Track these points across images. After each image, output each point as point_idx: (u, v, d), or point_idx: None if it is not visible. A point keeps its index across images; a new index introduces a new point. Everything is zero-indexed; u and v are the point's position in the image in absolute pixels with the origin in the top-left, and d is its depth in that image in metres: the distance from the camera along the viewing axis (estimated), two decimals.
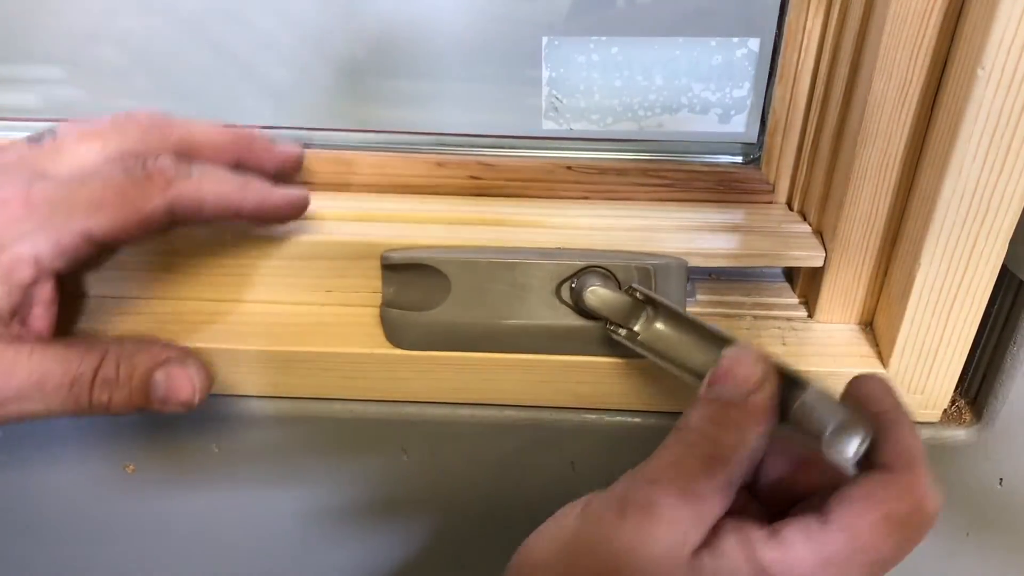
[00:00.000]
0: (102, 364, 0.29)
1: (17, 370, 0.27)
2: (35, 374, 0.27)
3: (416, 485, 0.39)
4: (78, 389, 0.28)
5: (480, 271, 0.33)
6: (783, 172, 0.38)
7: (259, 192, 0.31)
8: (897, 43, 0.29)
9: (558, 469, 0.38)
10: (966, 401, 0.36)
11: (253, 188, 0.31)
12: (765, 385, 0.26)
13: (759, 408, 0.25)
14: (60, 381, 0.28)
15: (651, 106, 0.39)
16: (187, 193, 0.29)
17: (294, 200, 0.33)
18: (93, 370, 0.29)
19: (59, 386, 0.28)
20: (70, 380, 0.28)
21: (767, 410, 0.26)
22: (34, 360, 0.28)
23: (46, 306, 0.29)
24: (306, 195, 0.33)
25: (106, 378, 0.29)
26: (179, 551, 0.44)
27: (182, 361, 0.30)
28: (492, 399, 0.36)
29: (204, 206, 0.30)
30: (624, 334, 0.32)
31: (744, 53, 0.37)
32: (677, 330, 0.31)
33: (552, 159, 0.39)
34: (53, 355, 0.28)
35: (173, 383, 0.30)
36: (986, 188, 0.29)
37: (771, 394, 0.26)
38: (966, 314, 0.32)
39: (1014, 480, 0.37)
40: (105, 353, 0.29)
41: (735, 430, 0.25)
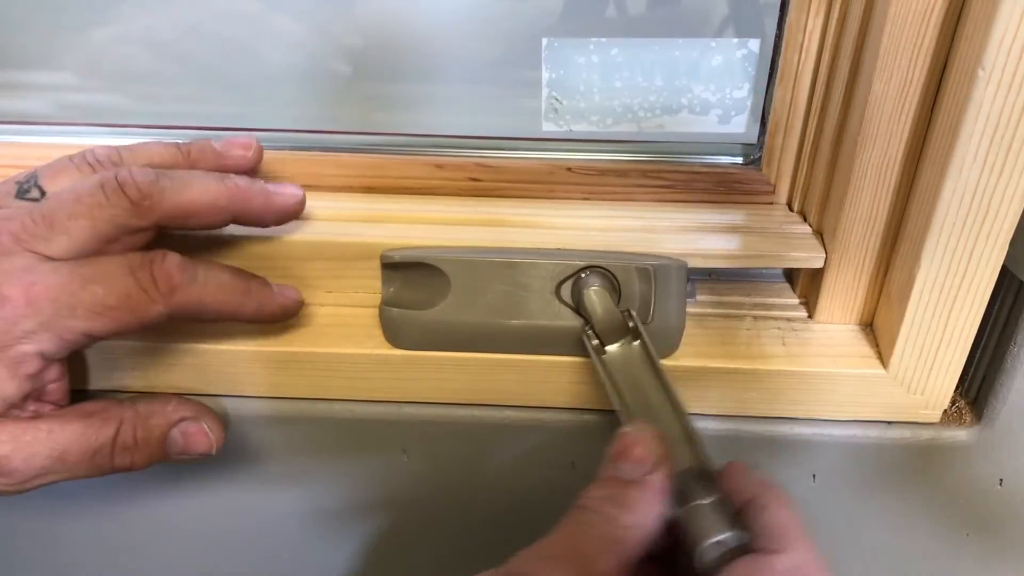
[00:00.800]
0: (119, 433, 0.30)
1: (38, 450, 0.28)
2: (56, 451, 0.29)
3: (416, 485, 0.39)
4: (100, 458, 0.30)
5: (480, 271, 0.33)
6: (783, 173, 0.38)
7: (258, 301, 0.32)
8: (897, 44, 0.29)
9: (558, 469, 0.38)
10: (966, 401, 0.36)
11: (253, 296, 0.32)
12: (662, 466, 0.27)
13: (656, 488, 0.26)
14: (80, 455, 0.29)
15: (651, 107, 0.39)
16: (189, 301, 0.29)
17: (289, 307, 0.34)
18: (111, 440, 0.30)
19: (80, 459, 0.29)
20: (91, 452, 0.30)
21: (665, 490, 0.27)
22: (53, 438, 0.29)
23: (57, 380, 0.30)
24: (301, 299, 0.34)
25: (125, 445, 0.30)
26: (179, 551, 0.44)
27: (196, 419, 0.33)
28: (492, 399, 0.36)
29: (203, 312, 0.30)
30: (595, 344, 0.32)
31: (744, 54, 0.37)
32: (643, 373, 0.32)
33: (552, 161, 0.39)
34: (72, 431, 0.29)
35: (190, 439, 0.32)
36: (986, 189, 0.29)
37: (667, 475, 0.27)
38: (966, 315, 0.32)
39: (1014, 480, 0.37)
40: (121, 422, 0.30)
41: (632, 510, 0.26)
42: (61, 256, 0.28)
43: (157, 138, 0.39)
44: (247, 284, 0.32)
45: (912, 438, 0.36)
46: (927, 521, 0.39)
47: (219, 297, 0.30)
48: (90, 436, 0.30)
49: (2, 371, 0.27)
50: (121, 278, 0.28)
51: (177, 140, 0.35)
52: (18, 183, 0.30)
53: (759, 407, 0.36)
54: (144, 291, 0.28)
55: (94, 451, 0.30)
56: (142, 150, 0.33)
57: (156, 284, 0.28)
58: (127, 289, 0.28)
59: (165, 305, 0.29)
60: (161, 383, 0.36)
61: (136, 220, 0.29)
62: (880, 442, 0.36)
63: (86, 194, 0.29)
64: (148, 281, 0.28)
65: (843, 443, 0.36)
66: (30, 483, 0.29)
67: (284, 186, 0.34)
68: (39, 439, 0.28)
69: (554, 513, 0.40)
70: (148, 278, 0.28)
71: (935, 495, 0.38)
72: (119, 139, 0.41)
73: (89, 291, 0.27)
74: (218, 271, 0.31)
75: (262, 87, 0.40)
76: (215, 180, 0.31)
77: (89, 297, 0.27)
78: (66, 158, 0.32)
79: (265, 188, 0.33)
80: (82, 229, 0.28)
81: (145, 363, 0.35)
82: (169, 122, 0.41)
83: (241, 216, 0.32)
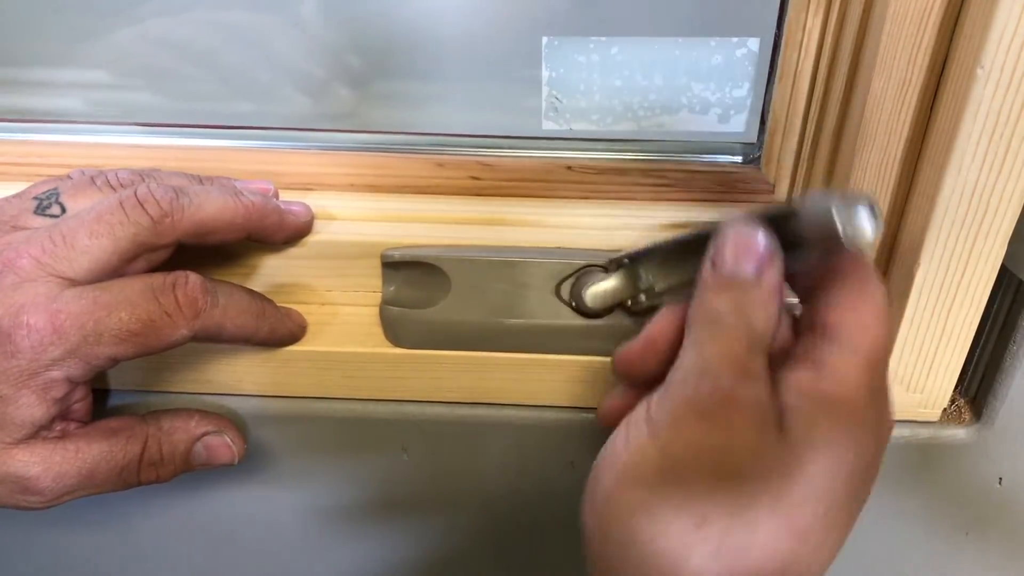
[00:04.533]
0: (145, 449, 0.31)
1: (67, 469, 0.29)
2: (84, 470, 0.29)
3: (416, 485, 0.39)
4: (127, 474, 0.31)
5: (480, 269, 0.33)
6: (783, 172, 0.38)
7: (272, 324, 0.33)
8: (896, 42, 0.29)
9: (558, 469, 0.38)
10: (966, 401, 0.36)
11: (268, 319, 0.32)
12: (775, 260, 0.26)
13: (775, 285, 0.26)
14: (108, 472, 0.30)
15: (651, 106, 0.39)
16: (211, 325, 0.30)
17: (297, 332, 0.34)
18: (138, 457, 0.31)
19: (108, 476, 0.30)
20: (119, 469, 0.30)
21: (781, 284, 0.26)
22: (81, 457, 0.29)
23: (82, 400, 0.30)
24: (306, 325, 0.35)
25: (151, 461, 0.31)
26: (179, 551, 0.44)
27: (218, 432, 0.33)
28: (492, 399, 0.36)
29: (223, 335, 0.31)
30: (644, 300, 0.32)
31: (744, 53, 0.37)
32: (675, 260, 0.31)
33: (552, 159, 0.39)
34: (99, 449, 0.30)
35: (213, 452, 0.33)
36: (985, 187, 0.29)
37: (780, 268, 0.26)
38: (966, 313, 0.32)
39: (1014, 480, 0.37)
40: (147, 439, 0.31)
41: (762, 310, 0.26)
42: (83, 279, 0.28)
43: (155, 137, 0.39)
44: (262, 307, 0.32)
45: (911, 437, 0.36)
46: (926, 520, 0.39)
47: (238, 321, 0.31)
48: (117, 454, 0.30)
49: (32, 397, 0.27)
50: (145, 304, 0.28)
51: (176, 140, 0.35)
52: (37, 199, 0.30)
53: None
54: (168, 315, 0.28)
55: (122, 468, 0.30)
56: (164, 175, 0.34)
57: (180, 308, 0.29)
58: (151, 315, 0.28)
59: (189, 329, 0.29)
60: (163, 382, 0.36)
61: (157, 238, 0.29)
62: None
63: (106, 212, 0.29)
64: (172, 306, 0.28)
65: None
66: (58, 500, 0.29)
67: (295, 204, 0.35)
68: (68, 459, 0.29)
69: (554, 513, 0.40)
70: (172, 303, 0.28)
71: (934, 494, 0.38)
72: (120, 138, 0.41)
73: (115, 318, 0.27)
74: (238, 293, 0.31)
75: (261, 88, 0.40)
76: (232, 197, 0.31)
77: (115, 324, 0.27)
78: (88, 178, 0.32)
79: (279, 207, 0.33)
80: (103, 249, 0.28)
81: (148, 362, 0.35)
82: (169, 120, 0.41)
83: (255, 233, 0.32)
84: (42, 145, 0.40)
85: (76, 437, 0.29)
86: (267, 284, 0.36)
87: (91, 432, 0.30)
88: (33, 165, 0.39)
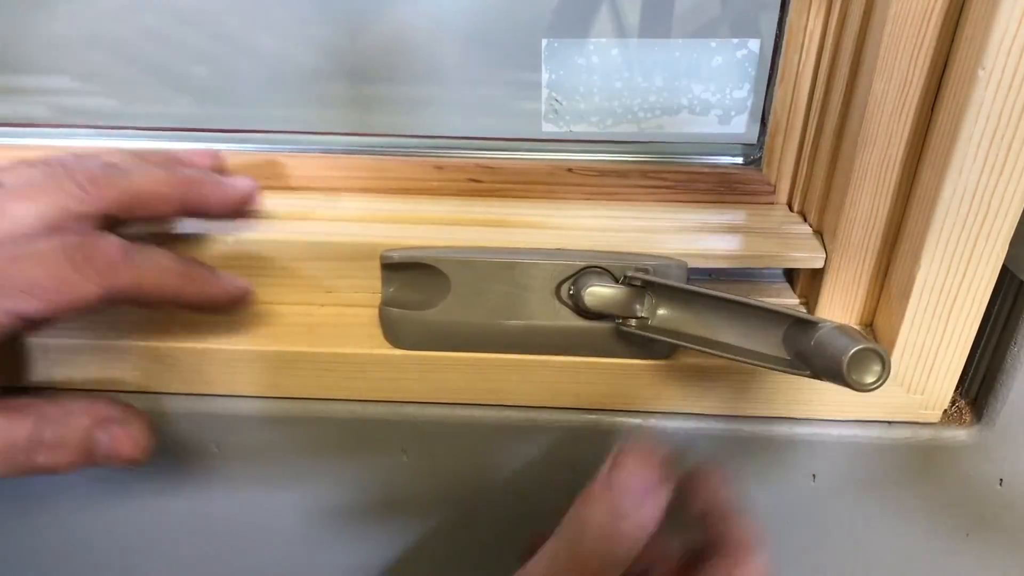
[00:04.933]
0: (35, 428, 0.29)
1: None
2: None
3: (416, 485, 0.39)
4: (17, 454, 0.29)
5: (480, 271, 0.33)
6: (783, 173, 0.38)
7: (200, 286, 0.31)
8: (897, 44, 0.29)
9: (558, 469, 0.38)
10: (966, 401, 0.36)
11: (195, 281, 0.31)
12: (660, 494, 0.27)
13: (652, 518, 0.27)
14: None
15: (651, 108, 0.39)
16: (125, 283, 0.28)
17: (235, 295, 0.33)
18: (27, 436, 0.29)
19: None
20: (5, 447, 0.28)
21: (658, 517, 0.27)
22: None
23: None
24: (248, 288, 0.33)
25: (41, 442, 0.29)
26: (178, 551, 0.44)
27: (122, 420, 0.31)
28: (492, 399, 0.36)
29: (142, 296, 0.29)
30: (635, 324, 0.32)
31: (744, 54, 0.37)
32: (683, 305, 0.31)
33: (552, 161, 0.39)
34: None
35: (115, 443, 0.30)
36: (986, 189, 0.29)
37: (662, 504, 0.27)
38: (966, 314, 0.32)
39: (1014, 480, 0.37)
40: (38, 418, 0.29)
41: (629, 541, 0.26)
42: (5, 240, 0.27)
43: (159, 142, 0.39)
44: (188, 268, 0.31)
45: (912, 438, 0.36)
46: (927, 521, 0.39)
47: (158, 281, 0.29)
48: (4, 430, 0.28)
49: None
50: (53, 257, 0.27)
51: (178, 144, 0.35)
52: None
53: (759, 407, 0.36)
54: (78, 272, 0.27)
55: (9, 445, 0.28)
56: (103, 155, 0.33)
57: (93, 264, 0.28)
58: (60, 269, 0.27)
59: (99, 286, 0.28)
60: (161, 383, 0.36)
61: (82, 205, 0.29)
62: (880, 442, 0.36)
63: (36, 179, 0.29)
64: (82, 261, 0.27)
65: (843, 443, 0.36)
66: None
67: (236, 178, 0.33)
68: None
69: (554, 513, 0.40)
70: (82, 259, 0.27)
71: (935, 495, 0.38)
72: (119, 142, 0.41)
73: (20, 268, 0.27)
74: (159, 255, 0.30)
75: (261, 89, 0.40)
76: (163, 169, 0.31)
77: (19, 275, 0.27)
78: (26, 162, 0.31)
79: (217, 178, 0.33)
80: (27, 213, 0.28)
81: (144, 362, 0.35)
82: (169, 124, 0.41)
83: (191, 206, 0.32)
84: (12, 149, 0.40)
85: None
86: (267, 285, 0.36)
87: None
88: None
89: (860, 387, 0.25)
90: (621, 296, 0.32)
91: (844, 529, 0.40)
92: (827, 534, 0.40)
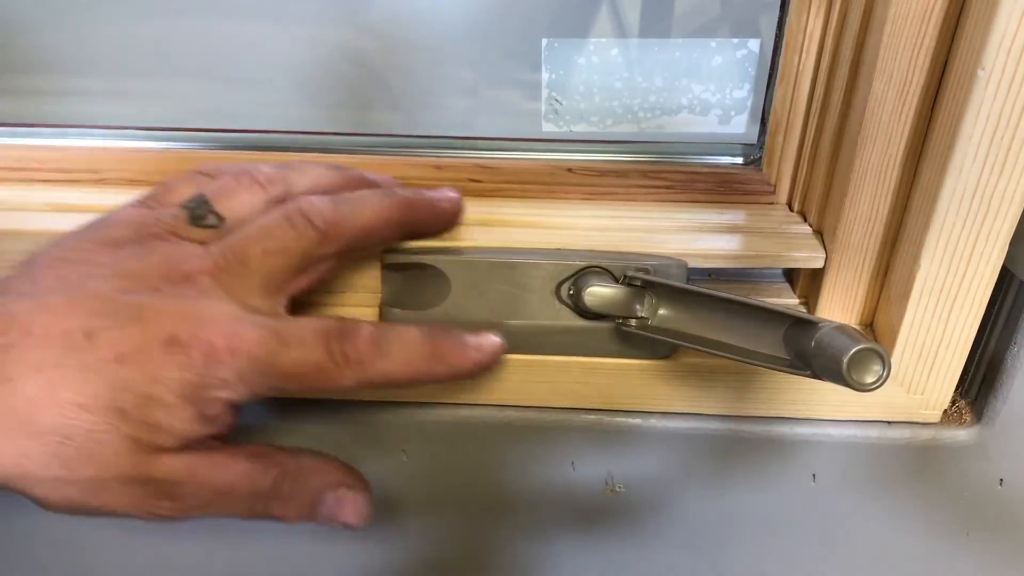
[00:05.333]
0: (278, 481, 0.30)
1: (208, 482, 0.28)
2: (224, 486, 0.29)
3: (416, 485, 0.39)
4: (257, 501, 0.30)
5: (480, 271, 0.33)
6: (783, 173, 0.38)
7: (448, 365, 0.30)
8: (897, 44, 0.29)
9: (558, 469, 0.38)
10: (966, 402, 0.36)
11: (443, 360, 0.30)
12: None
13: None
14: (242, 494, 0.29)
15: (651, 108, 0.39)
16: (375, 375, 0.29)
17: (483, 362, 0.31)
18: (271, 487, 0.30)
19: (241, 498, 0.29)
20: (251, 495, 0.29)
21: None
22: (222, 473, 0.29)
23: (231, 420, 0.30)
24: (499, 347, 0.32)
25: (280, 495, 0.30)
26: (178, 551, 0.44)
27: (352, 486, 0.32)
28: (492, 399, 0.36)
29: (391, 383, 0.30)
30: (635, 324, 0.32)
31: (744, 54, 0.37)
32: (684, 305, 0.31)
33: (552, 161, 0.39)
34: (240, 469, 0.29)
35: (342, 508, 0.31)
36: (986, 189, 0.29)
37: None
38: (966, 315, 0.32)
39: (1014, 480, 0.37)
40: (281, 472, 0.30)
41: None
42: (257, 296, 0.28)
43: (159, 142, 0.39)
44: (435, 346, 0.30)
45: (912, 438, 0.36)
46: (927, 521, 0.39)
47: (407, 370, 0.29)
48: (255, 478, 0.29)
49: (192, 411, 0.27)
50: (316, 347, 0.28)
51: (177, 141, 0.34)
52: (187, 208, 0.30)
53: (759, 407, 0.36)
54: (335, 364, 0.28)
55: (254, 494, 0.29)
56: (307, 170, 0.33)
57: (347, 359, 0.28)
58: (320, 361, 0.28)
59: (353, 380, 0.28)
60: None
61: (323, 249, 0.29)
62: (880, 442, 0.36)
63: (275, 228, 0.29)
64: (340, 355, 0.28)
65: (843, 443, 0.36)
66: (191, 512, 0.29)
67: (441, 191, 0.33)
68: (211, 472, 0.28)
69: (554, 513, 0.40)
70: (340, 352, 0.28)
71: (935, 495, 0.38)
72: (119, 142, 0.41)
73: (287, 354, 0.27)
74: (406, 336, 0.30)
75: (261, 89, 0.40)
76: (384, 196, 0.31)
77: (286, 360, 0.27)
78: (231, 177, 0.31)
79: (429, 196, 0.33)
80: (276, 267, 0.28)
81: None
82: (169, 123, 0.41)
83: (411, 227, 0.32)
84: (39, 150, 0.40)
85: (220, 452, 0.29)
86: None
87: (235, 451, 0.30)
88: (30, 170, 0.39)
89: (860, 387, 0.25)
90: (621, 296, 0.32)
91: (844, 529, 0.40)
92: (827, 534, 0.40)
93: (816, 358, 0.26)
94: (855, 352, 0.25)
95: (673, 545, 0.41)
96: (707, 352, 0.30)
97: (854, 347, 0.25)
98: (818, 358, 0.26)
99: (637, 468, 0.38)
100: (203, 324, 0.26)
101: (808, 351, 0.26)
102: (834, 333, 0.26)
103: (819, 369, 0.26)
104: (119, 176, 0.39)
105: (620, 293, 0.32)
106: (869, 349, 0.25)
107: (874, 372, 0.25)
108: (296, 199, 0.30)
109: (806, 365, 0.27)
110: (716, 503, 0.39)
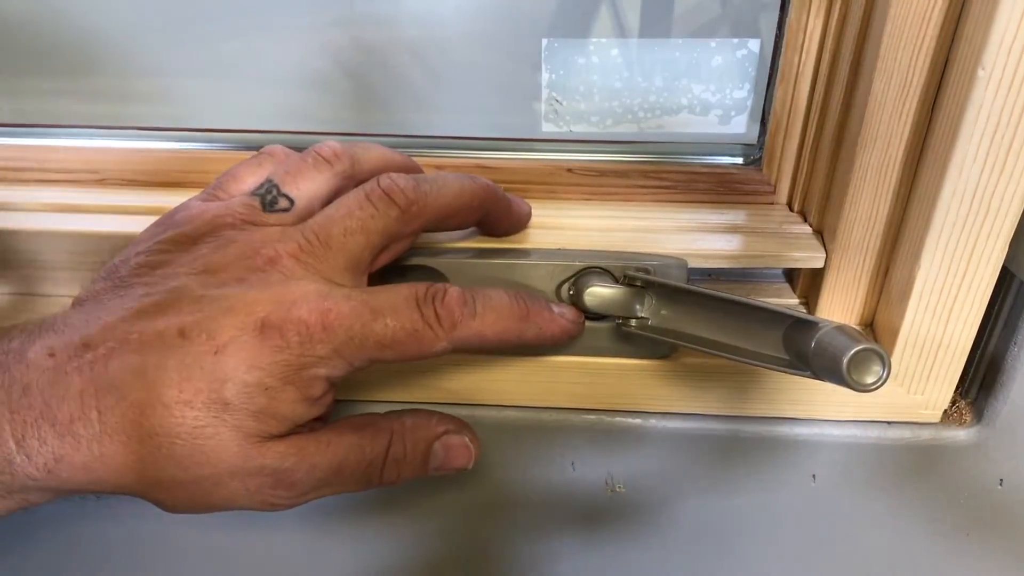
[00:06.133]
0: (391, 445, 0.30)
1: (319, 462, 0.28)
2: (335, 463, 0.29)
3: (416, 485, 0.39)
4: (371, 471, 0.30)
5: (479, 272, 0.33)
6: (784, 173, 0.38)
7: (539, 327, 0.31)
8: (897, 44, 0.29)
9: (558, 469, 0.38)
10: (966, 402, 0.36)
11: (534, 322, 0.30)
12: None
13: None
14: (356, 467, 0.29)
15: (651, 108, 0.39)
16: (468, 336, 0.29)
17: (571, 331, 0.32)
18: (383, 453, 0.30)
19: (355, 471, 0.29)
20: (365, 464, 0.30)
21: None
22: (332, 450, 0.29)
23: (331, 399, 0.30)
24: (582, 318, 0.32)
25: (395, 458, 0.30)
26: (178, 551, 0.44)
27: (458, 432, 0.32)
28: (492, 399, 0.36)
29: (484, 343, 0.30)
30: (635, 324, 0.32)
31: (744, 54, 0.37)
32: (684, 305, 0.31)
33: (552, 161, 0.39)
34: (347, 444, 0.29)
35: (451, 453, 0.32)
36: (986, 189, 0.29)
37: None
38: (966, 315, 0.32)
39: (1014, 480, 0.37)
40: (391, 435, 0.30)
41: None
42: (341, 275, 0.28)
43: (159, 142, 0.39)
44: (526, 308, 0.30)
45: (912, 438, 0.36)
46: (927, 521, 0.39)
47: (498, 328, 0.29)
48: (365, 448, 0.29)
49: (295, 392, 0.27)
50: (408, 313, 0.28)
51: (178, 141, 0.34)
52: (258, 195, 0.30)
53: (759, 407, 0.36)
54: (429, 327, 0.28)
55: (368, 463, 0.30)
56: (372, 146, 0.33)
57: (440, 320, 0.28)
58: (414, 324, 0.28)
59: (448, 341, 0.28)
60: None
61: (403, 227, 0.29)
62: (880, 442, 0.36)
63: (356, 207, 0.29)
64: (432, 317, 0.28)
65: (843, 443, 0.36)
66: (305, 496, 0.29)
67: (516, 197, 0.35)
68: (320, 451, 0.28)
69: (554, 513, 0.40)
70: (432, 314, 0.28)
71: (935, 495, 0.38)
72: (119, 142, 0.41)
73: (381, 323, 0.27)
74: (496, 298, 0.30)
75: (261, 89, 0.40)
76: (467, 179, 0.31)
77: (380, 329, 0.27)
78: (297, 157, 0.31)
79: (507, 195, 0.33)
80: (358, 245, 0.28)
81: None
82: (167, 123, 0.41)
83: (486, 217, 0.33)
84: (39, 150, 0.40)
85: (327, 431, 0.29)
86: None
87: (340, 425, 0.30)
88: (30, 170, 0.39)
89: (860, 387, 0.25)
90: (621, 296, 0.32)
91: (844, 529, 0.40)
92: (827, 534, 0.40)
93: (816, 358, 0.26)
94: (855, 353, 0.25)
95: (673, 545, 0.41)
96: (707, 352, 0.30)
97: (854, 347, 0.25)
98: (818, 358, 0.26)
99: (637, 468, 0.38)
100: (293, 305, 0.26)
101: (808, 351, 0.26)
102: (834, 333, 0.26)
103: (819, 369, 0.26)
104: (119, 176, 0.39)
105: (620, 293, 0.32)
106: (869, 349, 0.25)
107: (874, 373, 0.25)
108: (378, 177, 0.30)
109: (806, 365, 0.27)
110: (716, 503, 0.39)
